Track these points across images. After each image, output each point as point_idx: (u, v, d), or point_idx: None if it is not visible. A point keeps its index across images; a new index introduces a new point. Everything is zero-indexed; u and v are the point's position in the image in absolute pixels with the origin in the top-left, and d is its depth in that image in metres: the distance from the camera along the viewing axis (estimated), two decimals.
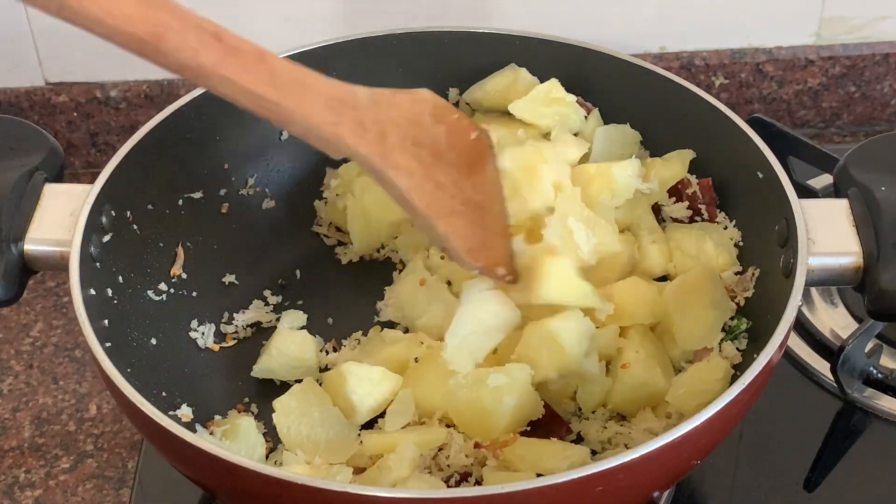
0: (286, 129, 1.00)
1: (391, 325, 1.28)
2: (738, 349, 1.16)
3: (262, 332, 1.29)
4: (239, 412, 1.20)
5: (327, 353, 1.25)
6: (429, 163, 1.08)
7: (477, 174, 1.12)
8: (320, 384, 1.18)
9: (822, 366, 1.33)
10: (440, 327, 1.17)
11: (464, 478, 1.09)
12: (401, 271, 1.32)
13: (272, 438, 1.16)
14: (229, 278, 1.32)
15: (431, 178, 1.08)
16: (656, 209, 1.29)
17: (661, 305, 1.19)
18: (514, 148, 1.20)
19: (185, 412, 1.16)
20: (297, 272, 1.36)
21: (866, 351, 1.29)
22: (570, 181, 1.21)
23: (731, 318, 1.19)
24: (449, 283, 1.25)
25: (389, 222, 1.33)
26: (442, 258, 1.26)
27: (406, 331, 1.26)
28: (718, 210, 1.27)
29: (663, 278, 1.26)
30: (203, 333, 1.26)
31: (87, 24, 0.89)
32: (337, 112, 1.01)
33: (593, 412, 1.17)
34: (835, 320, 1.38)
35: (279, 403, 1.14)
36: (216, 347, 1.26)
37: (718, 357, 1.15)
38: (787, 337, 1.05)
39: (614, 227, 1.22)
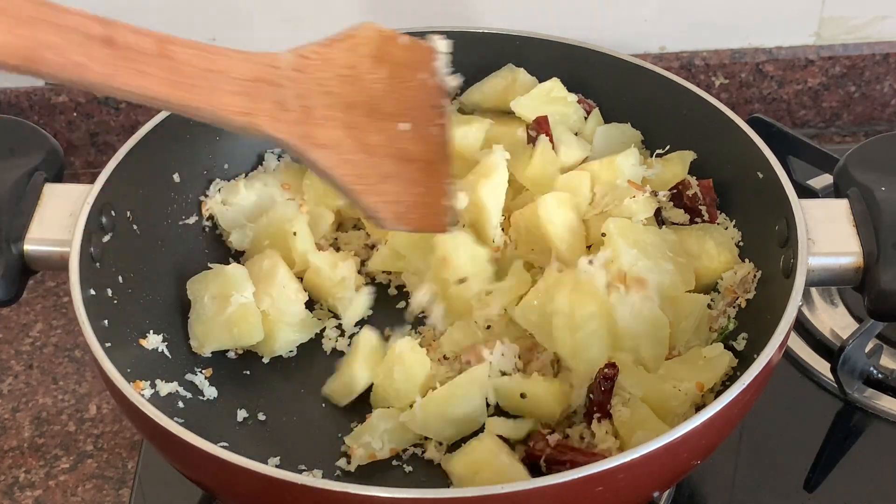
0: (200, 120, 0.94)
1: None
2: (736, 349, 1.16)
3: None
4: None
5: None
6: (360, 125, 1.01)
7: (420, 119, 1.06)
8: None
9: (822, 366, 1.32)
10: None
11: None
12: None
13: None
14: None
15: (361, 143, 1.02)
16: (656, 212, 1.29)
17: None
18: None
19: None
20: None
21: (866, 351, 1.29)
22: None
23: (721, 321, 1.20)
24: None
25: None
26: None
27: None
28: (719, 211, 1.27)
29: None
30: None
31: None
32: (252, 97, 0.94)
33: None
34: (835, 320, 1.38)
35: None
36: None
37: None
38: (787, 337, 1.05)
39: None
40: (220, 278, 1.21)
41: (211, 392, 1.19)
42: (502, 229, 1.25)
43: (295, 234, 1.24)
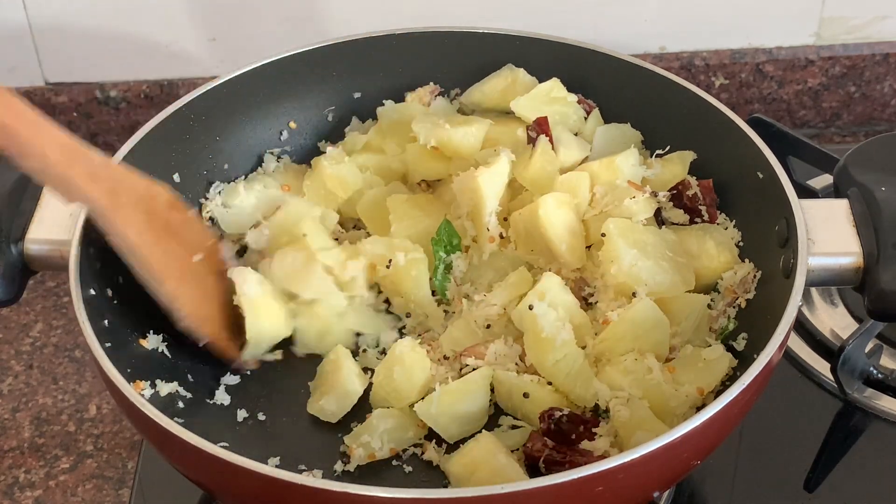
0: (23, 162, 1.02)
1: None
2: (736, 349, 1.16)
3: None
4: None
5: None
6: (160, 231, 1.10)
7: (211, 268, 1.14)
8: None
9: (822, 366, 1.33)
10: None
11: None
12: None
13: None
14: None
15: (162, 243, 1.10)
16: (656, 212, 1.29)
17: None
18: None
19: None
20: None
21: (866, 351, 1.29)
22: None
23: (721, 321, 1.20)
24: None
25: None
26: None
27: None
28: (719, 211, 1.27)
29: None
30: None
31: None
32: (70, 157, 1.04)
33: None
34: (835, 320, 1.38)
35: None
36: None
37: None
38: (787, 337, 1.05)
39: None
40: None
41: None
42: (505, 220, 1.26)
43: (305, 235, 1.23)
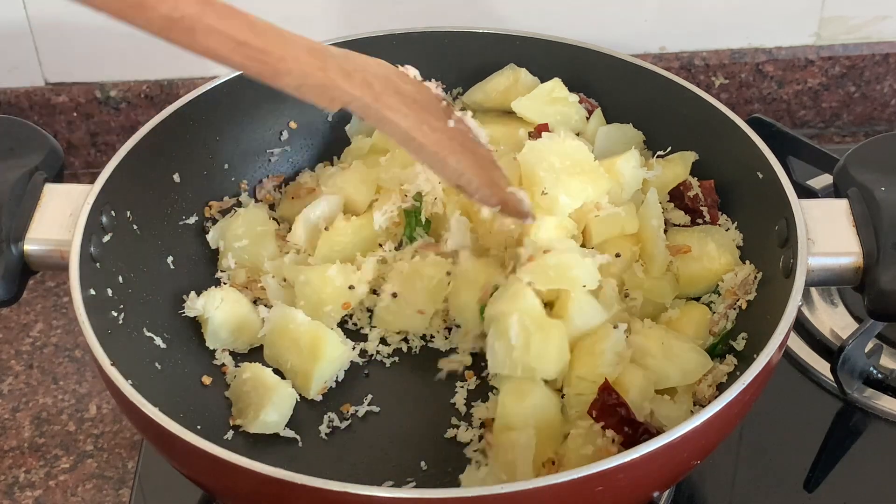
0: (278, 82, 1.00)
1: None
2: (736, 349, 1.16)
3: None
4: None
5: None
6: (416, 109, 1.07)
7: (455, 126, 1.12)
8: None
9: (822, 366, 1.33)
10: None
11: None
12: None
13: None
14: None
15: (423, 120, 1.07)
16: None
17: None
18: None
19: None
20: None
21: (866, 351, 1.29)
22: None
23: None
24: None
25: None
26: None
27: None
28: (720, 212, 1.27)
29: None
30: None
31: None
32: (321, 59, 1.02)
33: None
34: (835, 320, 1.38)
35: None
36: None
37: None
38: (787, 337, 1.05)
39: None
40: None
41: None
42: None
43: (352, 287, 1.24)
